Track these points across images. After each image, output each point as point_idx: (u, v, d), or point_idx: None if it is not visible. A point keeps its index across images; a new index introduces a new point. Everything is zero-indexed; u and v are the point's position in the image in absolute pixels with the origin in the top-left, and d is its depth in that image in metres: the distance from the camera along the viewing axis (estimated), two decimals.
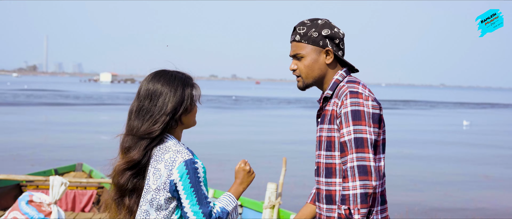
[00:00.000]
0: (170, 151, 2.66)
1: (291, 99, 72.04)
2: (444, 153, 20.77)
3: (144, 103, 2.71)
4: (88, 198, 8.75)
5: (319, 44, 2.93)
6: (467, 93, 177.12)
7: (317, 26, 2.93)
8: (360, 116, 2.76)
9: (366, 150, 2.74)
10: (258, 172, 14.89)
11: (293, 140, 23.29)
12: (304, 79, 2.99)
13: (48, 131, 24.28)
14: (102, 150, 18.41)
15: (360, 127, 2.75)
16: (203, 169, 2.67)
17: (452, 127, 33.25)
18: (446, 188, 14.16)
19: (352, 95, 2.79)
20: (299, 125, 31.66)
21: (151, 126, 2.66)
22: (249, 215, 8.02)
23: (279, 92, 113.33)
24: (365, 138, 2.75)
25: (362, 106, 2.77)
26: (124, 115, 2.81)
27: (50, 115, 33.49)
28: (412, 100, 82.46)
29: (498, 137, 27.82)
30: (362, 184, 2.71)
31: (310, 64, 2.95)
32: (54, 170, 9.64)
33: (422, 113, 49.30)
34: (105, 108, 42.92)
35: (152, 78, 2.75)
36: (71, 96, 60.29)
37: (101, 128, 26.10)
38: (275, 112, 44.71)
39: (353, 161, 2.73)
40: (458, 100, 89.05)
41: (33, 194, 7.05)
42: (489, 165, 18.30)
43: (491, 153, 21.35)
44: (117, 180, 2.75)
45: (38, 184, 8.78)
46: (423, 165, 17.78)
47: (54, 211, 6.98)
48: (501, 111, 59.44)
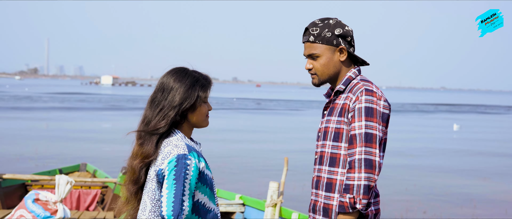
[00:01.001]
0: (170, 145, 2.76)
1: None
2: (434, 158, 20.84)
3: (157, 94, 2.83)
4: (92, 197, 8.86)
5: (333, 44, 3.10)
6: (467, 95, 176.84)
7: (330, 26, 3.10)
8: (373, 113, 2.94)
9: (374, 145, 2.92)
10: (261, 172, 14.96)
11: (296, 140, 23.39)
12: (320, 76, 3.16)
13: (51, 132, 24.38)
14: (106, 151, 18.52)
15: (371, 123, 2.93)
16: (194, 167, 2.71)
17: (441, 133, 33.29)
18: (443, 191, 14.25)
19: (367, 93, 2.97)
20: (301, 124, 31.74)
21: (159, 122, 2.77)
22: (252, 214, 8.11)
23: (279, 94, 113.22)
24: (375, 134, 2.93)
25: (375, 104, 2.96)
26: (126, 118, 2.90)
27: (60, 117, 33.60)
28: (414, 103, 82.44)
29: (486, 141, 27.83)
30: (367, 176, 2.88)
31: (325, 63, 3.12)
32: (59, 170, 9.75)
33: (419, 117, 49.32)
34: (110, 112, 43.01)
35: (168, 73, 2.88)
36: (94, 100, 60.34)
37: (104, 130, 26.21)
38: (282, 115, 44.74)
39: (361, 154, 2.90)
40: (455, 102, 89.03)
41: (39, 192, 7.15)
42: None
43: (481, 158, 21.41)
44: (135, 175, 2.84)
45: (43, 183, 8.90)
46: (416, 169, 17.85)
47: (60, 209, 7.09)
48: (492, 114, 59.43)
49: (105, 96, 72.62)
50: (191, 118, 2.85)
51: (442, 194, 13.66)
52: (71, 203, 8.74)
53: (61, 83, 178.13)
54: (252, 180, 14.16)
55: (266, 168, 15.31)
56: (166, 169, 2.70)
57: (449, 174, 16.58)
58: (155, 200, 2.77)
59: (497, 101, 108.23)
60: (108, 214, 8.36)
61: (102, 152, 18.33)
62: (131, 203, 2.91)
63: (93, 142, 21.16)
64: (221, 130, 26.24)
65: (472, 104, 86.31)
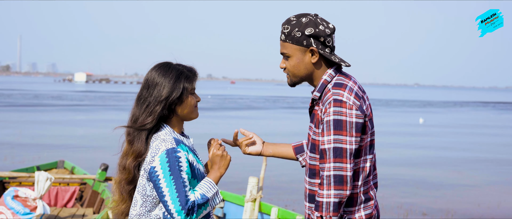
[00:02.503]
0: (158, 139, 2.77)
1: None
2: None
3: (143, 91, 2.84)
4: (70, 194, 8.84)
5: (303, 44, 2.88)
6: (438, 92, 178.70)
7: (301, 25, 2.88)
8: (342, 126, 2.76)
9: (344, 160, 2.76)
10: (240, 167, 14.93)
11: (275, 135, 23.45)
12: (291, 77, 2.98)
13: (26, 129, 24.13)
14: (83, 147, 18.40)
15: (340, 137, 2.76)
16: (186, 159, 2.73)
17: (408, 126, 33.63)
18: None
19: (335, 104, 2.77)
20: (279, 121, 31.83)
21: (146, 118, 2.78)
22: (231, 209, 8.13)
23: (255, 91, 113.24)
24: (345, 148, 2.77)
25: (344, 115, 2.76)
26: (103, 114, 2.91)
27: (27, 115, 33.22)
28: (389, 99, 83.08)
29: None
30: (337, 193, 2.76)
31: (295, 64, 2.93)
32: (37, 167, 9.68)
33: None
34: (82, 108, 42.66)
35: (152, 69, 2.88)
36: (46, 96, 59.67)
37: (80, 126, 26.01)
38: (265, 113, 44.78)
39: (330, 170, 2.77)
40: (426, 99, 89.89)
41: (18, 189, 7.11)
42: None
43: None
44: (131, 175, 2.84)
45: (21, 180, 8.84)
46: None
47: (39, 206, 7.06)
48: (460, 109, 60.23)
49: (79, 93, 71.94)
50: (180, 111, 2.85)
51: (412, 183, 13.84)
52: (49, 200, 8.70)
53: (33, 80, 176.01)
54: (231, 175, 14.19)
55: (245, 163, 15.34)
56: (159, 167, 2.69)
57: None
58: (146, 196, 2.78)
59: (466, 98, 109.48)
60: (87, 211, 8.35)
61: (79, 149, 18.21)
62: (127, 202, 2.91)
63: (69, 139, 20.99)
64: (199, 124, 26.17)
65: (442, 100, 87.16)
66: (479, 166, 17.75)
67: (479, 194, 13.46)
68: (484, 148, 22.83)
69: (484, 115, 49.58)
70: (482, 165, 18.08)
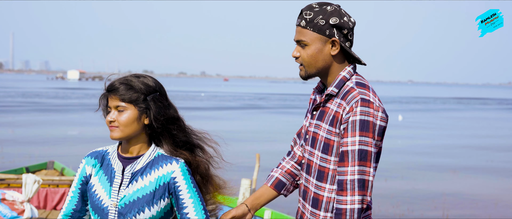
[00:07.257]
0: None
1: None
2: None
3: None
4: (60, 196, 8.69)
5: (325, 33, 2.69)
6: (433, 89, 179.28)
7: (325, 13, 2.69)
8: (369, 127, 2.60)
9: (368, 164, 2.61)
10: (232, 169, 14.92)
11: (267, 137, 23.40)
12: (307, 68, 2.76)
13: (15, 129, 23.98)
14: (73, 147, 18.28)
15: (366, 139, 2.60)
16: (83, 169, 2.64)
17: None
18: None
19: (363, 103, 2.61)
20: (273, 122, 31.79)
21: None
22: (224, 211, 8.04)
23: (248, 88, 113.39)
24: (370, 151, 2.61)
25: (372, 117, 2.61)
26: (96, 114, 2.80)
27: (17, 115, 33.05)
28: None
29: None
30: (360, 199, 2.60)
31: (313, 54, 2.72)
32: (26, 168, 9.56)
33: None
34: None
35: None
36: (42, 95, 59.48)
37: (71, 126, 25.87)
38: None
39: (355, 174, 2.60)
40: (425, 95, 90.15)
41: (5, 192, 7.00)
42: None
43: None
44: None
45: (10, 182, 8.68)
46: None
47: (27, 209, 6.94)
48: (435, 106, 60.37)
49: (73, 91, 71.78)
50: None
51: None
52: (38, 202, 8.56)
53: (26, 78, 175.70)
54: (224, 177, 14.08)
55: (237, 165, 15.27)
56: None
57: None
58: None
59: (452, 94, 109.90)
60: None
61: (69, 149, 18.08)
62: None
63: (60, 139, 20.86)
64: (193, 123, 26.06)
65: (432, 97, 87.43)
66: (477, 167, 17.72)
67: (477, 193, 13.41)
68: (480, 146, 22.85)
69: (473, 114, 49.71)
70: (480, 165, 18.06)
